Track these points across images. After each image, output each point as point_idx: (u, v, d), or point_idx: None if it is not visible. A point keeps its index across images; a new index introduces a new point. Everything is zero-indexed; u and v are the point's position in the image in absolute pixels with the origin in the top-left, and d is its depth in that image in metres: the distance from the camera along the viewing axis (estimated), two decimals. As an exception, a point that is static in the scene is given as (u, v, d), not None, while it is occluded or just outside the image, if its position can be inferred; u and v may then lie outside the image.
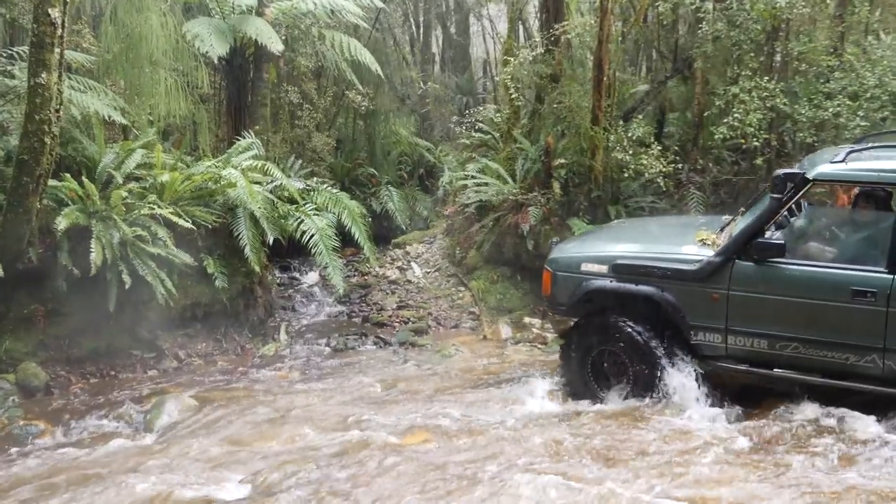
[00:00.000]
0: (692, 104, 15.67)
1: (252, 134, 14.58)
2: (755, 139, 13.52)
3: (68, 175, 11.83)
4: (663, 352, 9.27)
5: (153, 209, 11.85)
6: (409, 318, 14.38)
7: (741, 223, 9.34)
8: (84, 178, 11.80)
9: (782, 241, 8.78)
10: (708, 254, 9.11)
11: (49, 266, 11.48)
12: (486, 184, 15.92)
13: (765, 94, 13.45)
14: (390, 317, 14.49)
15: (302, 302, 15.64)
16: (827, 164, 8.85)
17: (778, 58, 14.90)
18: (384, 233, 19.48)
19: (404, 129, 22.80)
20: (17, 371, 11.14)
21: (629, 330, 9.36)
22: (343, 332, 13.94)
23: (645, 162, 14.38)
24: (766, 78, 13.75)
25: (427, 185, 22.59)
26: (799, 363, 8.84)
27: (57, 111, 10.52)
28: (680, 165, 14.97)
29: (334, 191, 14.96)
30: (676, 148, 15.37)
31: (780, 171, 9.23)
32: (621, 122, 15.33)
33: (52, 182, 11.27)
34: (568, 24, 16.10)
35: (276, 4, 16.44)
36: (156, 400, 10.42)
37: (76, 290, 11.61)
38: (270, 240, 13.04)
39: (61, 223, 11.02)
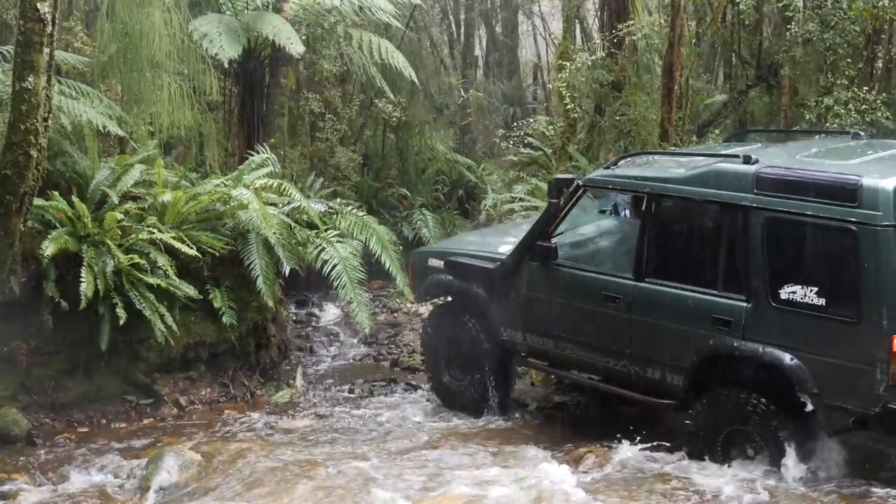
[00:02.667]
0: (778, 117, 15.63)
1: (267, 148, 14.63)
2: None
3: (56, 193, 11.93)
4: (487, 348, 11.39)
5: (153, 233, 11.91)
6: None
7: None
8: (74, 198, 11.89)
9: (554, 245, 10.54)
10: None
11: (33, 297, 11.56)
12: (537, 208, 15.91)
13: (864, 106, 13.40)
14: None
15: (321, 342, 15.62)
16: (598, 170, 11.02)
17: (879, 64, 14.83)
18: (417, 263, 19.47)
19: (441, 143, 22.82)
20: (-5, 418, 11.20)
21: (466, 323, 11.48)
22: (369, 377, 13.92)
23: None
24: (866, 88, 13.69)
25: (467, 208, 22.57)
26: (579, 365, 10.72)
27: (45, 120, 10.63)
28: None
29: (360, 214, 14.98)
30: (759, 168, 15.26)
31: (555, 177, 11.56)
32: (694, 138, 15.30)
33: (37, 201, 11.37)
34: (633, 24, 16.15)
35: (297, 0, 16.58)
36: (153, 454, 10.38)
37: (64, 325, 11.67)
38: (286, 270, 13.05)
39: (48, 249, 11.10)
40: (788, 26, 14.54)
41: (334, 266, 13.18)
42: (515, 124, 22.38)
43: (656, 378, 9.99)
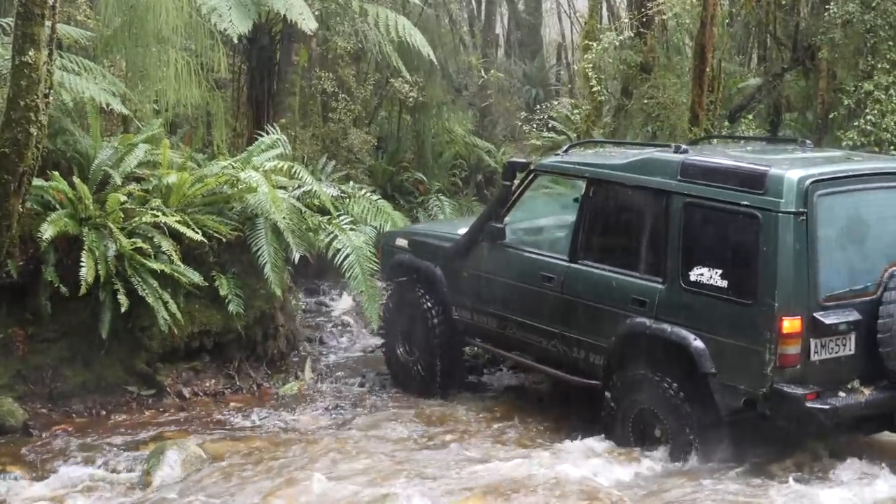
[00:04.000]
0: (815, 103, 15.58)
1: (277, 129, 14.60)
2: (893, 147, 13.36)
3: (57, 174, 11.91)
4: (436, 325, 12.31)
5: (157, 217, 11.90)
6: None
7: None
8: (75, 178, 11.88)
9: (503, 227, 11.47)
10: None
11: (31, 282, 11.57)
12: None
13: (906, 91, 13.31)
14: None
15: (332, 333, 15.63)
16: (551, 156, 12.20)
17: (923, 48, 14.73)
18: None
19: (460, 126, 22.80)
20: (-10, 407, 11.21)
21: (421, 300, 12.40)
22: (380, 369, 13.90)
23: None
24: (908, 72, 13.61)
25: (486, 194, 22.56)
26: (518, 345, 11.60)
27: (46, 96, 10.62)
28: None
29: (375, 199, 14.96)
30: (794, 156, 15.20)
31: (509, 160, 12.73)
32: (727, 123, 15.26)
33: (37, 181, 11.36)
34: (663, 3, 16.04)
35: (310, -27, 16.54)
36: (155, 447, 10.38)
37: (63, 311, 11.68)
38: (296, 257, 13.03)
39: (47, 231, 11.10)
40: (827, 6, 14.46)
41: (346, 256, 13.14)
42: (538, 107, 22.34)
43: (581, 358, 10.77)
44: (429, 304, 12.36)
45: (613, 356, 10.41)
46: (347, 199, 14.72)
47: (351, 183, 16.51)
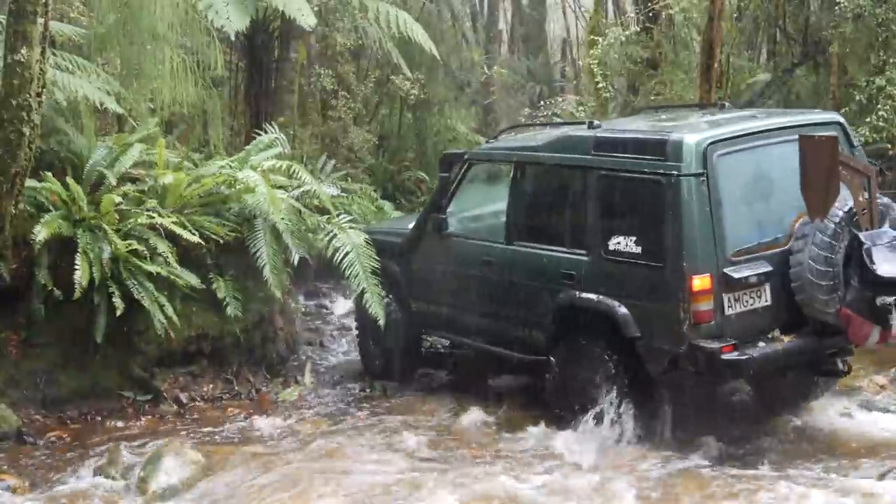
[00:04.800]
0: (825, 98, 15.54)
1: (276, 127, 14.59)
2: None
3: (50, 174, 11.93)
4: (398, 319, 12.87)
5: (152, 218, 11.91)
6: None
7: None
8: (69, 179, 11.89)
9: (445, 217, 12.15)
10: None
11: (24, 285, 11.58)
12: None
13: (919, 87, 13.32)
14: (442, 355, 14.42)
15: (332, 336, 15.63)
16: (483, 144, 13.09)
17: (936, 42, 14.75)
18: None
19: (463, 123, 22.85)
20: (-17, 414, 11.24)
21: (386, 297, 12.79)
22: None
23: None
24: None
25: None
26: (473, 331, 12.11)
27: (38, 95, 10.64)
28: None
29: (375, 198, 14.98)
30: (805, 153, 15.20)
31: (445, 152, 13.87)
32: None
33: (30, 182, 11.38)
34: (670, -3, 16.07)
35: (309, -32, 16.54)
36: (151, 453, 10.37)
37: (56, 315, 11.68)
38: (295, 259, 13.02)
39: (40, 233, 11.11)
40: (837, 0, 14.45)
41: (346, 254, 13.10)
42: (542, 104, 22.32)
43: (527, 336, 11.38)
44: (388, 298, 12.83)
45: (552, 330, 11.01)
46: (348, 199, 14.74)
47: (350, 180, 16.50)
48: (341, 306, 16.90)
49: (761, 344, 9.97)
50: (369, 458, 10.54)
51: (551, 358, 10.99)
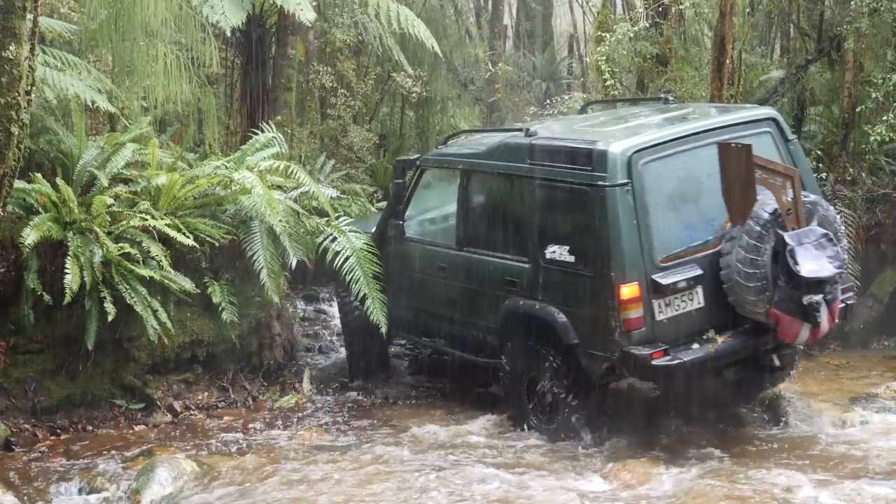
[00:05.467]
0: (841, 96, 15.50)
1: (273, 126, 14.58)
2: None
3: (39, 175, 11.91)
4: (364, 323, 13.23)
5: (145, 220, 11.88)
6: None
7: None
8: (59, 180, 11.87)
9: (402, 223, 12.84)
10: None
11: (13, 290, 11.56)
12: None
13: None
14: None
15: (331, 342, 15.61)
16: (434, 150, 13.59)
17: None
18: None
19: (466, 122, 22.80)
20: (-30, 423, 11.20)
21: (351, 300, 13.38)
22: (385, 379, 13.89)
23: (778, 170, 14.18)
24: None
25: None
26: (435, 333, 12.73)
27: (27, 93, 10.56)
28: (824, 175, 14.78)
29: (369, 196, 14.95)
30: (819, 152, 15.20)
31: (398, 158, 14.35)
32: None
33: (18, 184, 11.31)
34: (680, -9, 16.02)
35: (307, -39, 16.50)
36: (144, 464, 10.36)
37: (46, 320, 11.68)
38: (293, 262, 13.01)
39: (30, 236, 11.08)
40: (853, -6, 14.42)
41: (347, 258, 13.09)
42: (549, 101, 22.27)
43: (480, 340, 11.97)
44: (356, 302, 13.21)
45: (502, 336, 11.58)
46: (347, 200, 14.71)
47: (345, 175, 16.45)
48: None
49: (695, 346, 10.43)
50: (370, 468, 10.50)
51: (504, 362, 11.55)
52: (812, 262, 10.08)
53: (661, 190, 10.51)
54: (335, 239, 13.10)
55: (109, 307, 11.36)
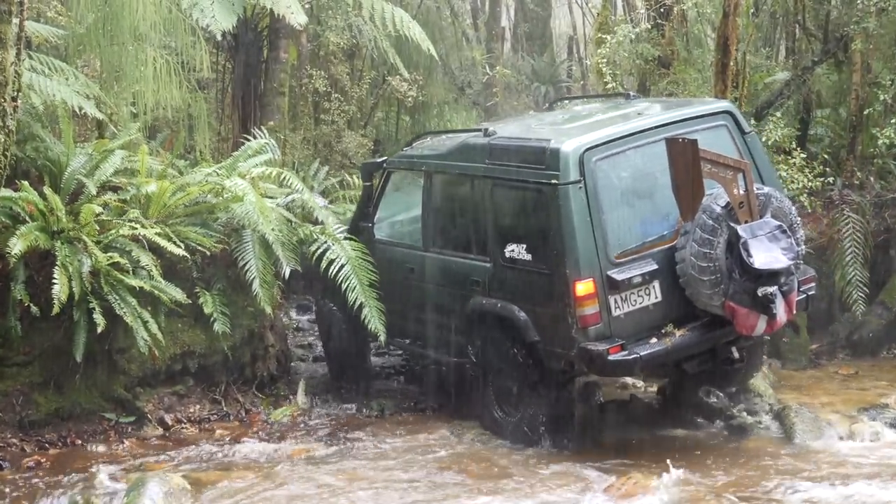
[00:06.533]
0: (848, 98, 15.53)
1: (265, 132, 14.61)
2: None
3: (26, 183, 11.91)
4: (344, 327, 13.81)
5: (135, 229, 11.89)
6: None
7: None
8: (46, 188, 11.88)
9: (371, 225, 13.30)
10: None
11: (-1, 301, 11.59)
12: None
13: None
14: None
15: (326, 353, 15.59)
16: (399, 152, 13.94)
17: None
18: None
19: (463, 126, 22.80)
20: (-45, 438, 11.22)
21: (330, 306, 13.92)
22: (380, 391, 13.91)
23: (784, 174, 14.25)
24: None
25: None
26: (411, 335, 13.05)
27: (14, 99, 10.64)
28: (831, 179, 14.83)
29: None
30: (826, 156, 15.23)
31: (364, 162, 15.37)
32: (753, 121, 15.20)
33: (4, 192, 11.38)
34: (683, -9, 16.07)
35: (299, -37, 16.55)
36: (135, 479, 10.33)
37: (34, 332, 11.70)
38: (287, 272, 13.02)
39: (16, 246, 11.08)
40: (860, -7, 14.47)
41: (342, 266, 13.11)
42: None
43: (449, 340, 12.36)
44: (333, 308, 13.80)
45: (467, 335, 12.01)
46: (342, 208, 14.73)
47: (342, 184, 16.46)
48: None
49: (653, 340, 10.77)
50: (365, 482, 10.55)
51: (473, 360, 11.95)
52: (765, 254, 10.37)
53: (615, 186, 10.90)
54: (329, 247, 13.13)
55: (99, 318, 11.37)
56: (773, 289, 10.40)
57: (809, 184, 14.28)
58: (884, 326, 14.81)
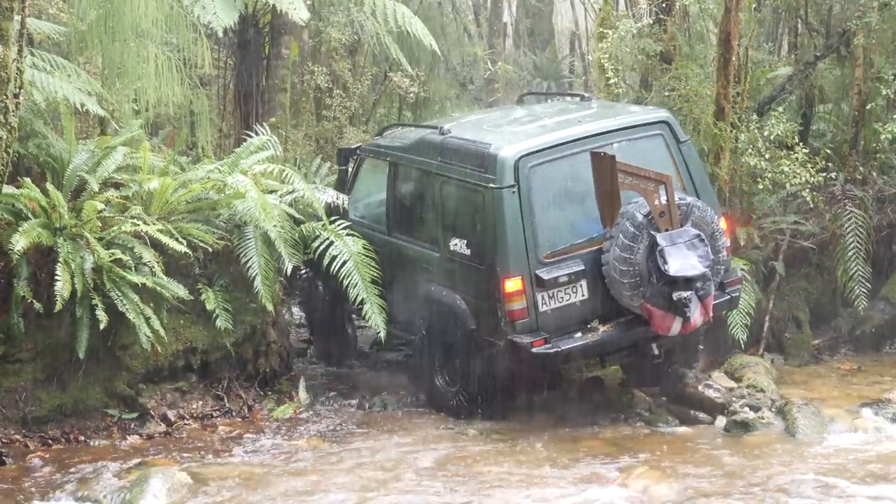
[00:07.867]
0: (850, 93, 15.53)
1: (267, 128, 14.60)
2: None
3: (28, 180, 11.94)
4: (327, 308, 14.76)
5: (137, 226, 11.92)
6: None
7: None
8: (49, 185, 11.91)
9: (346, 206, 13.72)
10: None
11: (2, 298, 11.58)
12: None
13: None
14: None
15: (328, 349, 15.62)
16: (372, 140, 15.20)
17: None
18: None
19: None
20: (-41, 434, 11.25)
21: (316, 286, 14.74)
22: (381, 388, 13.92)
23: (786, 169, 14.26)
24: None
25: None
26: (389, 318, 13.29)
27: (16, 96, 10.63)
28: (833, 175, 14.82)
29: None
30: (828, 151, 15.22)
31: (339, 147, 16.60)
32: (755, 117, 15.23)
33: (7, 189, 11.38)
34: (685, -13, 16.07)
35: (301, -41, 16.56)
36: (138, 475, 10.40)
37: (37, 329, 11.71)
38: (289, 268, 13.05)
39: (19, 243, 11.11)
40: (863, -12, 14.48)
41: (344, 263, 13.13)
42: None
43: (410, 320, 13.06)
44: (320, 290, 14.57)
45: (423, 318, 12.79)
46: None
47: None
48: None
49: (578, 335, 11.73)
50: (368, 477, 10.58)
51: (429, 343, 12.75)
52: (681, 261, 11.28)
53: (548, 191, 11.79)
54: (332, 243, 13.15)
55: (101, 315, 11.41)
56: (688, 293, 11.33)
57: (812, 179, 14.28)
58: (886, 322, 14.85)
